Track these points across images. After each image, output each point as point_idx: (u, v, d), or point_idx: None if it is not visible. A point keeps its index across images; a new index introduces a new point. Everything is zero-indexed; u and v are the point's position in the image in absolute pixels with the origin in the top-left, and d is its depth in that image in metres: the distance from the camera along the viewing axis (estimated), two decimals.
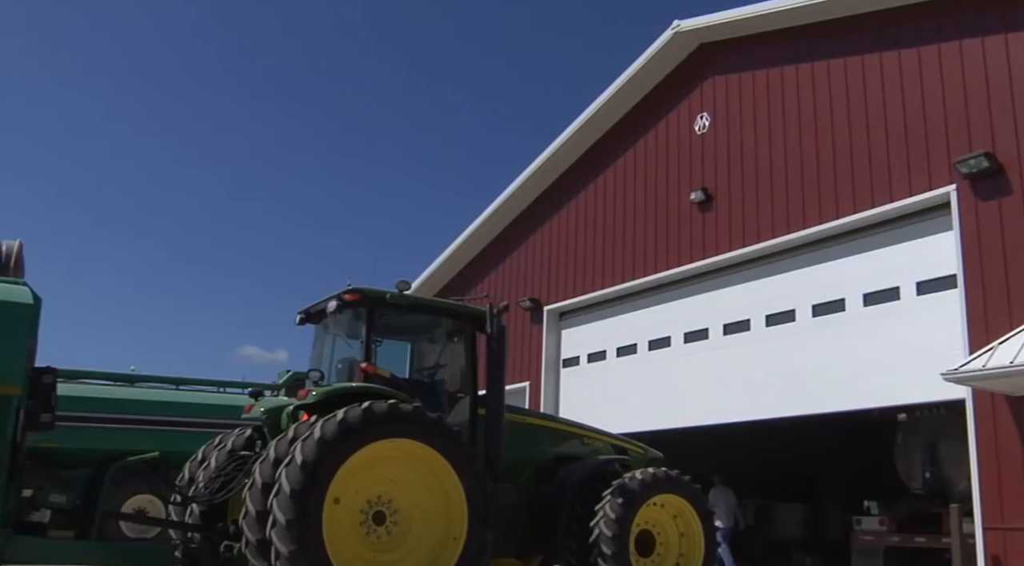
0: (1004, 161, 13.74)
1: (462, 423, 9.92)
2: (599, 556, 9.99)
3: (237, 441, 10.10)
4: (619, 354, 21.24)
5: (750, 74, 18.62)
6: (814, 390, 16.25)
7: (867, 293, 15.81)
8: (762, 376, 17.28)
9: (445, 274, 27.16)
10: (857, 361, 15.61)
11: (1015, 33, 14.03)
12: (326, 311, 10.04)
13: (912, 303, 15.04)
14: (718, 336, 18.64)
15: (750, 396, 17.47)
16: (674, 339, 19.70)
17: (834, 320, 16.29)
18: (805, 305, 16.88)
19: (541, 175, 23.81)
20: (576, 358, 22.58)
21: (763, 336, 17.64)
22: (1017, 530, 12.64)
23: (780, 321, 17.33)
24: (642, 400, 19.66)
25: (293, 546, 7.63)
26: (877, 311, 15.60)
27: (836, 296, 16.33)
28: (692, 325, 19.29)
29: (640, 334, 20.65)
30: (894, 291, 15.35)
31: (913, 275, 15.10)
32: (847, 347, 15.87)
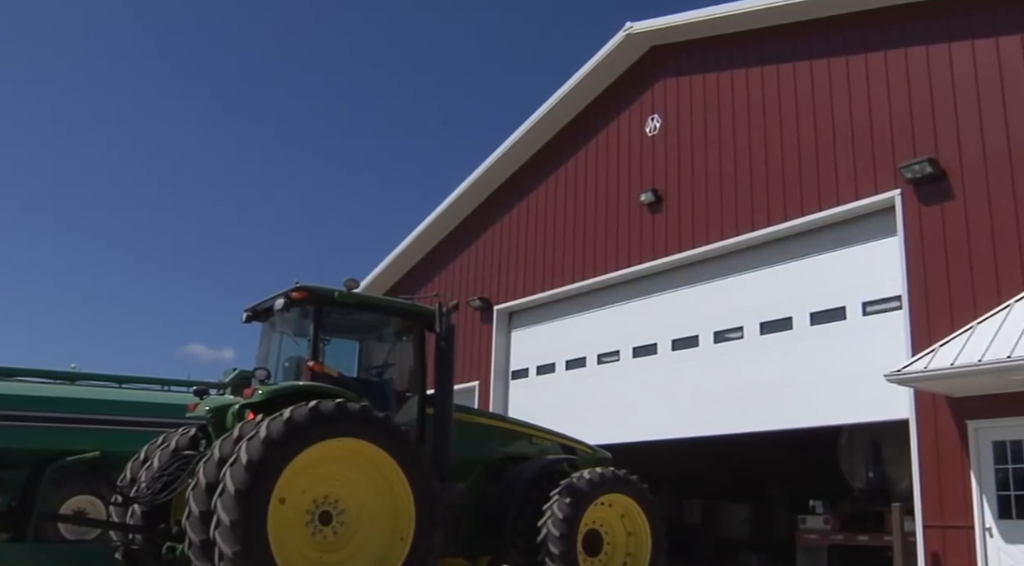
0: (947, 167, 14.02)
1: (410, 422, 9.88)
2: (547, 556, 10.02)
3: (181, 440, 9.96)
4: (568, 367, 21.19)
5: (701, 77, 18.78)
6: (762, 408, 16.34)
7: (814, 312, 15.94)
8: (710, 393, 17.35)
9: (395, 273, 27.02)
10: (804, 379, 15.74)
11: (958, 42, 14.32)
12: (273, 309, 9.93)
13: (858, 322, 15.22)
14: (667, 351, 18.68)
15: (698, 412, 17.50)
16: (623, 353, 19.72)
17: (782, 338, 16.41)
18: (753, 323, 16.99)
19: (492, 174, 23.79)
20: (525, 370, 22.47)
21: (711, 352, 17.72)
22: (956, 528, 12.90)
23: (728, 338, 17.45)
24: (591, 414, 19.58)
25: (237, 547, 7.53)
26: (823, 330, 15.75)
27: (784, 314, 16.44)
28: (641, 340, 19.31)
29: (589, 348, 20.61)
30: (840, 311, 15.52)
31: (859, 295, 15.24)
32: (795, 365, 16.00)
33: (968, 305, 13.26)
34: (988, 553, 12.51)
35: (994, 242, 13.26)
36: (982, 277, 13.28)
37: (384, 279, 26.97)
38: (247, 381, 10.78)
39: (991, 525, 12.54)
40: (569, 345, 21.21)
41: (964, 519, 12.82)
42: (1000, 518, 12.47)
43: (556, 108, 21.83)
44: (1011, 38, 13.69)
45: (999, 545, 12.43)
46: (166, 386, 15.33)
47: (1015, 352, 11.55)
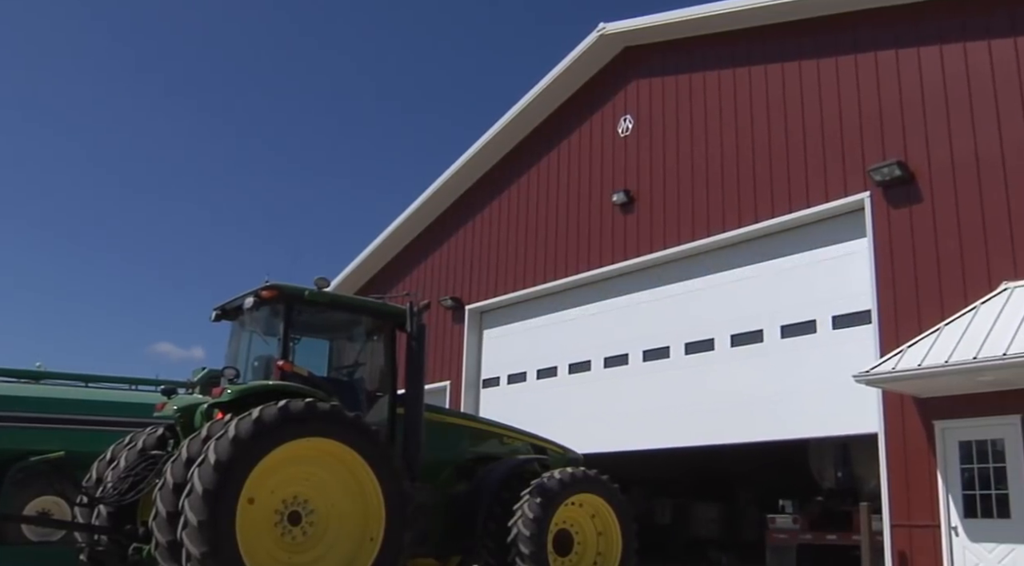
0: (915, 170, 14.17)
1: (381, 422, 9.83)
2: (517, 556, 10.01)
3: (148, 440, 9.85)
4: (539, 376, 21.14)
5: (673, 78, 18.86)
6: (733, 420, 16.39)
7: (785, 325, 16.00)
8: (681, 405, 17.39)
9: (366, 272, 26.93)
10: (775, 392, 15.81)
11: (927, 47, 14.48)
12: (243, 308, 9.84)
13: (828, 336, 15.30)
14: (638, 362, 18.70)
15: (669, 424, 17.52)
16: (594, 364, 19.69)
17: (753, 351, 16.48)
18: (724, 335, 17.04)
19: (464, 174, 23.77)
20: (496, 379, 22.40)
21: (682, 364, 17.74)
22: (922, 527, 13.04)
23: (699, 349, 17.47)
24: (561, 424, 19.21)
25: (205, 548, 7.45)
26: (794, 344, 15.82)
27: (754, 327, 16.49)
28: (612, 350, 19.29)
29: (561, 357, 20.56)
30: (811, 324, 15.60)
31: (829, 308, 15.31)
32: (765, 378, 16.07)
33: (935, 306, 13.40)
34: (954, 551, 12.65)
35: (961, 244, 13.41)
36: (949, 279, 13.43)
37: (355, 278, 26.88)
38: (216, 380, 10.68)
39: (957, 524, 12.68)
40: (540, 354, 21.14)
41: (931, 518, 12.96)
42: (966, 517, 12.62)
43: (529, 108, 21.83)
44: (978, 43, 13.87)
45: (964, 543, 12.57)
46: (134, 385, 15.17)
47: (981, 353, 11.69)
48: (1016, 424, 12.22)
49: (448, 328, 23.55)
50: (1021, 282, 12.60)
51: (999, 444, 12.43)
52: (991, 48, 13.73)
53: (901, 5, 14.87)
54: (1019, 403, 12.23)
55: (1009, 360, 11.33)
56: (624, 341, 19.05)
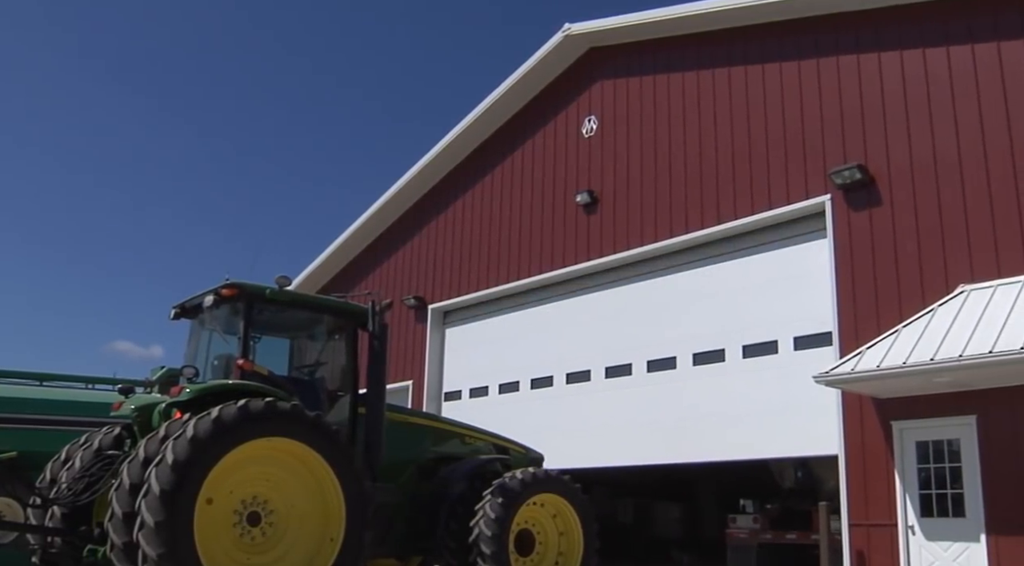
0: (875, 173, 14.34)
1: (342, 422, 9.78)
2: (478, 556, 10.00)
3: (104, 440, 9.70)
4: (501, 391, 21.04)
5: (638, 79, 18.94)
6: (695, 439, 16.41)
7: (747, 345, 16.05)
8: (643, 422, 17.37)
9: (328, 271, 26.76)
10: (737, 412, 15.85)
11: (888, 52, 14.67)
12: (203, 306, 9.75)
13: (789, 357, 15.35)
14: (600, 379, 18.66)
15: (632, 441, 17.50)
16: (556, 379, 19.63)
17: (715, 370, 16.49)
18: (686, 353, 17.05)
19: (428, 173, 23.71)
20: (458, 392, 22.28)
21: (645, 381, 17.71)
22: (880, 526, 13.20)
23: (661, 367, 17.47)
24: (523, 440, 19.24)
25: (162, 549, 7.35)
26: (756, 364, 15.88)
27: (716, 346, 16.53)
28: (574, 366, 19.24)
29: (523, 372, 20.46)
30: (772, 345, 15.67)
31: (791, 329, 15.36)
32: (727, 397, 16.10)
33: (894, 308, 13.57)
34: (911, 550, 12.82)
35: (919, 247, 13.60)
36: (908, 281, 13.61)
37: (317, 277, 26.71)
38: (175, 379, 10.56)
39: (913, 523, 12.85)
40: (503, 368, 21.03)
41: (888, 517, 13.12)
42: (922, 516, 12.79)
43: (493, 108, 21.82)
44: (937, 50, 14.07)
45: (921, 542, 12.75)
46: (90, 384, 14.95)
47: (938, 355, 11.85)
48: (972, 424, 12.41)
49: (411, 327, 23.47)
50: (978, 285, 12.79)
51: (955, 444, 12.62)
52: (949, 54, 13.93)
53: (863, 11, 15.04)
54: (975, 404, 12.42)
55: (965, 362, 11.50)
56: (586, 357, 19.00)
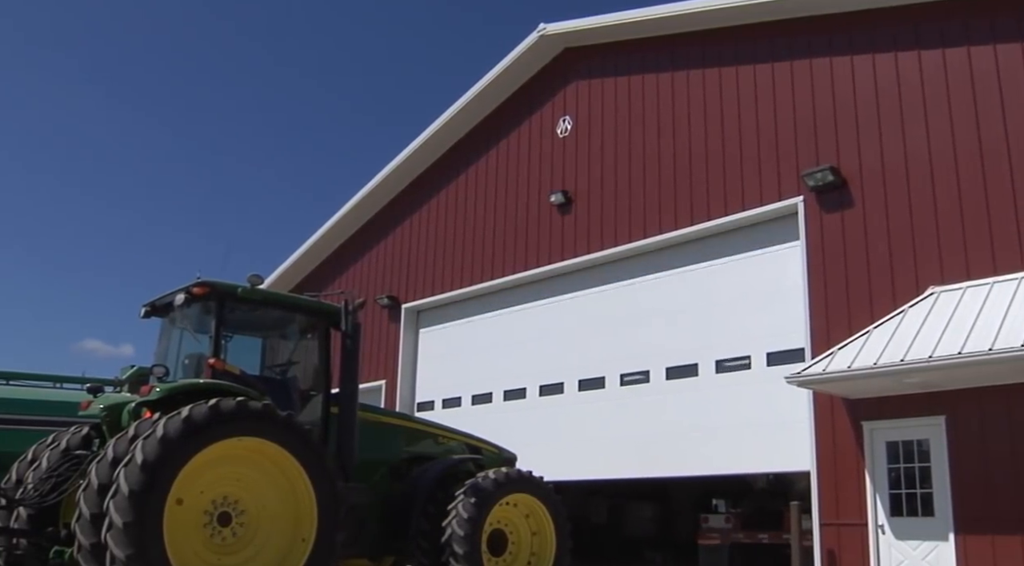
0: (847, 175, 14.45)
1: (314, 422, 9.74)
2: (451, 556, 9.99)
3: (72, 440, 9.59)
4: (474, 402, 20.92)
5: (613, 80, 18.98)
6: (668, 454, 16.38)
7: (719, 360, 16.04)
8: (616, 437, 17.32)
9: (301, 270, 26.63)
10: (710, 427, 15.84)
11: (860, 55, 14.78)
12: (174, 304, 9.67)
13: (762, 373, 15.35)
14: (573, 392, 18.59)
15: (604, 455, 17.43)
16: (529, 392, 19.56)
17: (687, 384, 16.47)
18: (659, 367, 17.02)
19: (402, 172, 23.64)
20: (431, 402, 22.13)
21: (617, 395, 17.67)
22: (851, 525, 13.30)
23: (634, 381, 17.45)
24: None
25: (130, 550, 7.27)
26: (729, 379, 15.87)
27: (689, 361, 16.50)
28: (548, 378, 19.17)
29: (496, 383, 20.33)
30: (745, 360, 15.69)
31: (764, 345, 15.35)
32: (700, 412, 16.08)
33: (865, 310, 13.68)
34: (880, 549, 12.93)
35: (890, 249, 13.71)
36: (879, 283, 13.72)
37: (290, 276, 26.56)
38: (145, 378, 10.47)
39: (883, 522, 12.96)
40: (476, 379, 20.92)
41: (858, 517, 13.22)
42: (892, 515, 12.90)
43: (467, 107, 21.78)
44: (909, 53, 14.20)
45: (890, 541, 12.86)
46: (58, 383, 14.78)
47: (908, 356, 11.96)
48: (941, 425, 12.53)
49: (384, 327, 23.40)
50: (947, 287, 12.92)
51: (924, 444, 12.74)
52: (920, 58, 14.06)
53: (836, 14, 15.15)
54: (944, 404, 12.54)
55: (935, 363, 11.61)
56: (560, 369, 18.94)
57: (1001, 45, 13.25)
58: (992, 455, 11.98)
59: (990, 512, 11.83)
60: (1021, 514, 11.57)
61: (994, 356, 11.12)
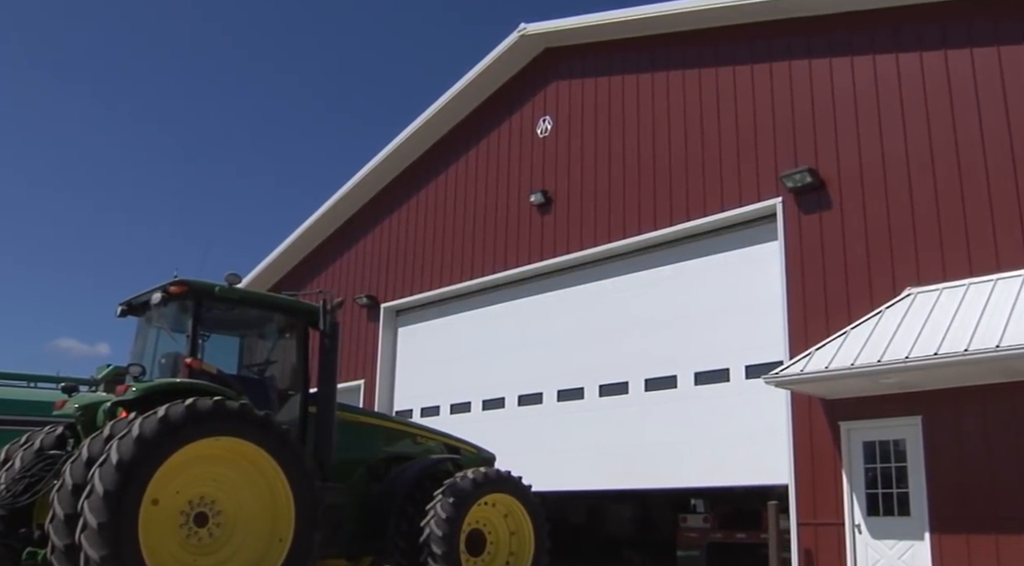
0: (826, 177, 14.53)
1: (292, 421, 9.70)
2: (429, 556, 9.97)
3: (46, 440, 9.50)
4: (452, 411, 20.80)
5: (593, 80, 19.00)
6: (647, 466, 16.36)
7: (698, 372, 16.01)
8: (595, 448, 17.28)
9: (280, 269, 26.49)
10: (689, 439, 15.79)
11: (839, 58, 14.87)
12: (150, 303, 9.60)
13: (741, 386, 15.37)
14: (552, 402, 18.52)
15: (583, 467, 17.39)
16: (508, 401, 19.47)
17: (667, 396, 16.43)
18: (638, 379, 16.98)
19: (382, 171, 23.57)
20: (409, 411, 21.96)
21: (597, 406, 17.62)
22: (828, 525, 13.37)
23: (613, 392, 17.40)
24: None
25: (105, 551, 7.21)
26: (708, 391, 15.84)
27: (668, 372, 16.48)
28: (527, 388, 19.09)
29: (475, 392, 20.23)
30: (724, 372, 15.67)
31: (743, 358, 15.32)
32: (679, 425, 16.04)
33: (843, 310, 13.76)
34: (857, 549, 13.01)
35: (868, 250, 13.80)
36: (856, 284, 13.81)
37: (268, 275, 26.43)
38: (121, 378, 10.40)
39: (860, 522, 13.04)
40: (454, 387, 20.80)
41: (835, 516, 13.29)
42: (868, 515, 12.98)
43: (447, 107, 21.75)
44: (887, 56, 14.29)
45: (867, 540, 12.93)
46: (32, 382, 14.65)
47: (885, 356, 12.03)
48: (917, 425, 12.61)
49: (363, 326, 23.32)
50: (924, 288, 13.02)
51: (901, 444, 12.82)
52: (899, 61, 14.16)
53: (815, 17, 15.22)
54: (920, 405, 12.63)
55: (911, 363, 11.69)
56: (539, 379, 18.87)
57: (977, 49, 13.37)
58: (967, 455, 12.07)
59: (965, 511, 11.92)
60: (996, 514, 11.67)
61: (970, 357, 11.21)
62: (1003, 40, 13.14)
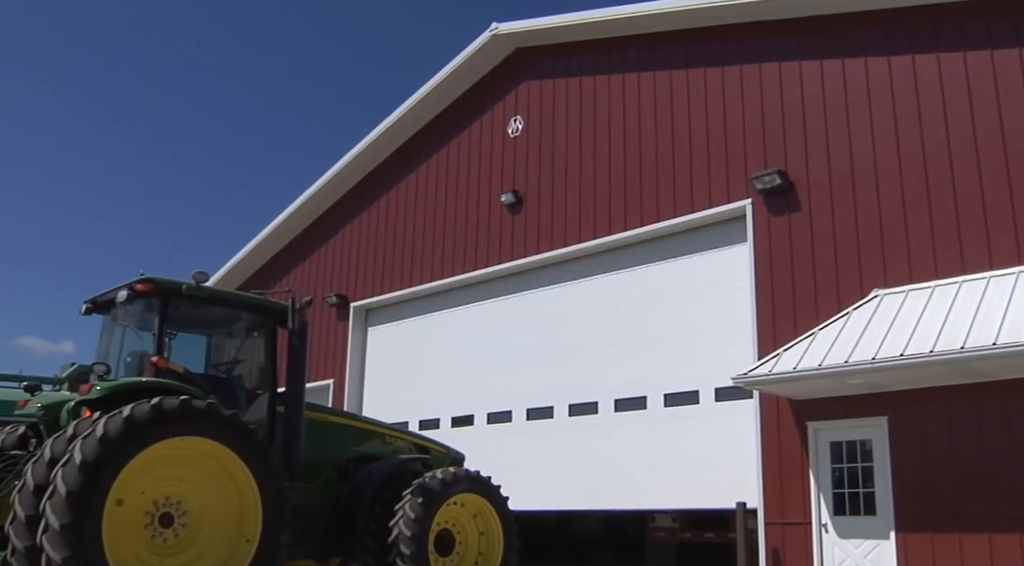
0: (795, 179, 14.64)
1: (260, 421, 9.62)
2: (398, 556, 9.92)
3: (8, 440, 9.35)
4: (421, 427, 20.39)
5: (564, 81, 19.02)
6: (616, 487, 16.31)
7: (668, 393, 15.97)
8: (565, 467, 17.22)
9: (249, 267, 26.29)
10: (658, 461, 15.78)
11: (809, 61, 14.98)
12: (116, 301, 9.48)
13: (711, 408, 15.36)
14: (521, 420, 18.43)
15: (553, 487, 17.27)
16: (478, 419, 19.36)
17: (636, 417, 16.38)
18: (607, 399, 16.92)
19: (352, 170, 23.46)
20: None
21: (566, 425, 17.55)
22: (795, 525, 13.47)
23: (583, 412, 17.33)
24: None
25: (67, 553, 7.09)
26: (677, 413, 15.82)
27: (638, 393, 16.42)
28: (496, 406, 18.98)
29: (444, 409, 20.06)
30: (694, 394, 15.65)
31: (712, 380, 15.23)
32: (649, 446, 16.02)
33: (811, 311, 13.87)
34: (824, 548, 13.11)
35: (836, 252, 13.92)
36: (824, 285, 13.92)
37: (237, 273, 26.22)
38: (85, 377, 10.26)
39: (827, 521, 13.14)
40: (424, 404, 20.65)
41: (802, 516, 13.39)
42: (835, 514, 13.08)
43: (418, 106, 21.69)
44: (856, 60, 14.42)
45: (834, 540, 13.04)
46: None
47: (852, 357, 12.14)
48: (883, 425, 12.74)
49: (333, 325, 23.20)
50: (891, 290, 13.15)
51: (867, 444, 12.94)
52: (867, 65, 14.29)
53: (786, 20, 15.33)
54: (887, 405, 12.75)
55: (878, 364, 11.80)
56: (508, 396, 18.76)
57: (944, 54, 13.52)
58: (932, 455, 12.21)
59: (930, 511, 12.06)
60: (959, 513, 11.82)
61: (935, 358, 11.34)
62: (969, 45, 13.30)
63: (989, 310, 11.62)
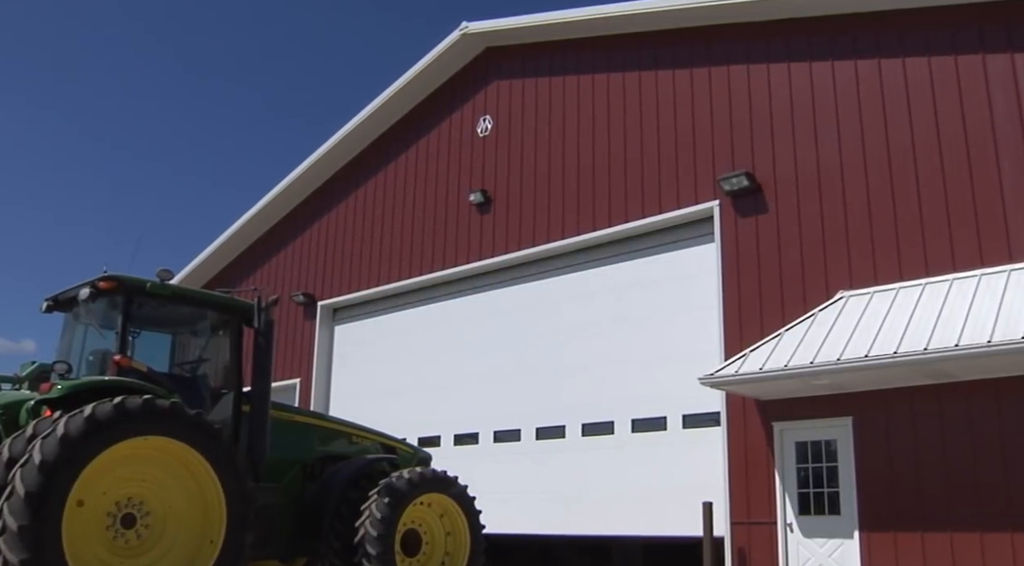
0: (762, 181, 14.73)
1: (224, 420, 9.54)
2: (364, 556, 9.89)
3: None
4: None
5: (534, 81, 19.02)
6: (584, 511, 16.22)
7: (636, 419, 15.89)
8: (531, 491, 17.11)
9: (214, 266, 26.04)
10: (625, 487, 15.73)
11: (777, 63, 15.09)
12: (78, 299, 9.35)
13: (678, 436, 15.32)
14: (488, 443, 18.27)
15: (521, 510, 17.08)
16: (444, 439, 19.15)
17: (604, 442, 16.31)
18: (575, 423, 16.82)
19: (320, 168, 23.31)
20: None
21: (533, 449, 17.44)
22: (760, 524, 13.55)
23: (550, 435, 17.23)
24: None
25: (25, 555, 6.99)
26: (645, 439, 15.73)
27: (606, 417, 16.34)
28: (463, 427, 18.83)
29: (410, 429, 19.36)
30: (661, 420, 15.59)
31: (680, 406, 15.22)
32: (616, 472, 15.94)
33: (777, 313, 13.97)
34: (789, 547, 13.20)
35: (802, 254, 14.03)
36: (790, 287, 14.02)
37: (203, 272, 25.96)
38: (46, 375, 10.09)
39: (792, 521, 13.23)
40: (390, 425, 20.37)
41: (768, 515, 13.47)
42: (800, 514, 13.18)
43: (387, 104, 21.60)
44: (823, 63, 14.54)
45: (798, 539, 13.13)
46: None
47: (817, 358, 12.24)
48: (848, 426, 12.85)
49: (299, 324, 23.05)
50: (856, 291, 13.26)
51: (832, 444, 13.05)
52: (834, 68, 14.41)
53: (754, 23, 15.42)
54: (851, 406, 12.87)
55: (842, 365, 11.91)
56: (475, 417, 18.60)
57: (910, 59, 13.66)
58: (896, 455, 12.34)
59: (893, 510, 12.18)
60: (921, 512, 11.94)
61: (899, 359, 11.45)
62: (933, 51, 13.46)
63: (952, 312, 11.76)
